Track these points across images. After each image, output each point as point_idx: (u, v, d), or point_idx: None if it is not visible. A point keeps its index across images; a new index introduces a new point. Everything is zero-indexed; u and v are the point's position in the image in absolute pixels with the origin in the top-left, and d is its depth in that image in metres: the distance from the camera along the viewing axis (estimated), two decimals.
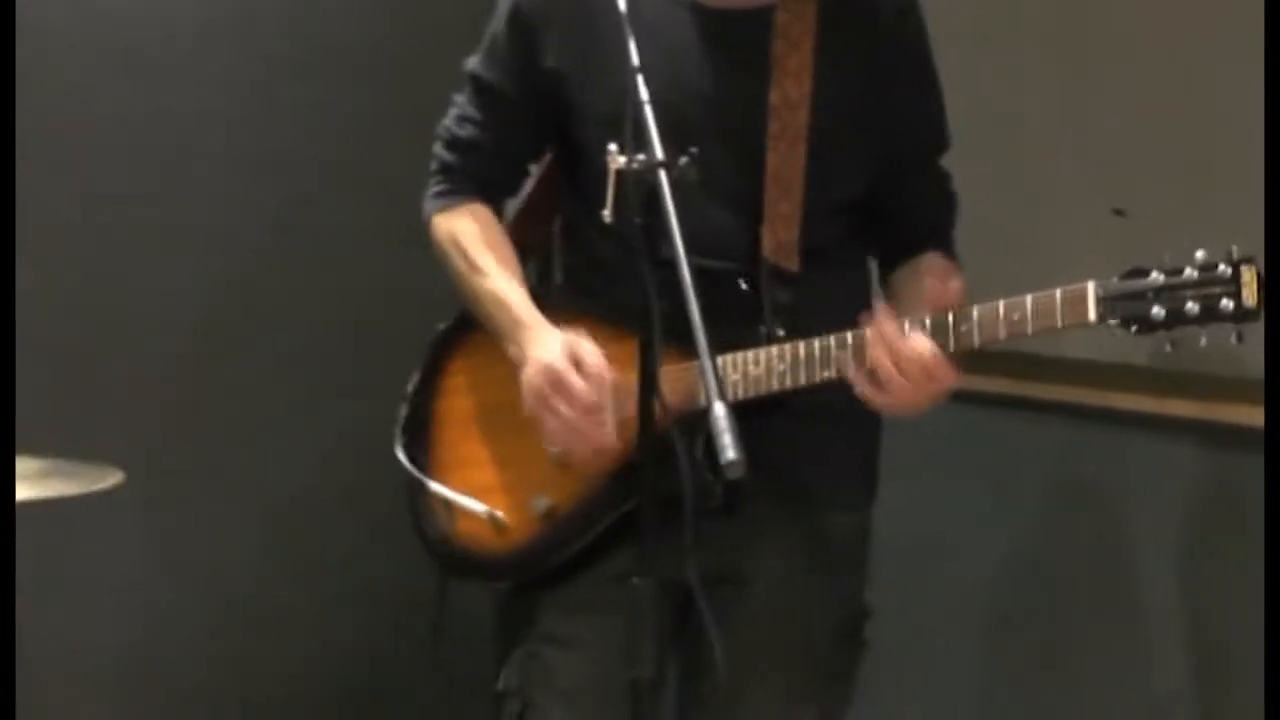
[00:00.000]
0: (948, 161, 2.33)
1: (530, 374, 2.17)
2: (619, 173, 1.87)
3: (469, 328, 2.36)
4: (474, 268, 2.29)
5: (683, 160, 1.84)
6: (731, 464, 1.66)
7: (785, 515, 2.24)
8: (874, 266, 2.39)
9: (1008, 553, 3.13)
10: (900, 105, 2.24)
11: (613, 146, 1.87)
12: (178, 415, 3.33)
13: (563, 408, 2.14)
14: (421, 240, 2.39)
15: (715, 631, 1.92)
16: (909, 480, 3.10)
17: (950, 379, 2.05)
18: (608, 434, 2.13)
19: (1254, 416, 2.20)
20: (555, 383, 2.13)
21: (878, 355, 2.03)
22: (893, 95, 2.22)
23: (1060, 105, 2.97)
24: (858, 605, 2.33)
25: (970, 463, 3.16)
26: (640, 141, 1.84)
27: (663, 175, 1.81)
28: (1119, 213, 2.90)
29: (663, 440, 1.86)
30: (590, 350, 2.15)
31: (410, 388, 2.41)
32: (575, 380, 2.12)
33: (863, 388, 2.07)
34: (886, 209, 2.30)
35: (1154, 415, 2.83)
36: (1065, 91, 2.96)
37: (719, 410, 1.69)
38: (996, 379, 3.01)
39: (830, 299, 2.22)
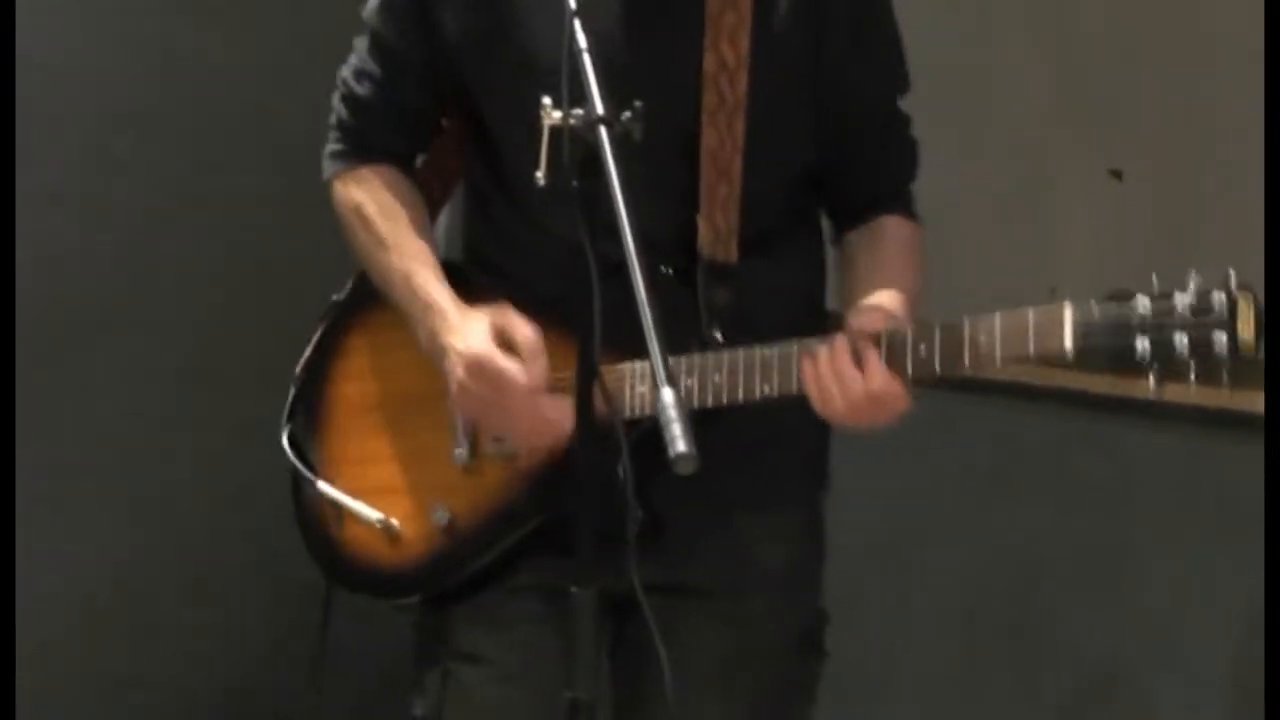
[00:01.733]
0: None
1: (460, 376, 2.10)
2: (554, 130, 1.81)
3: (369, 301, 2.29)
4: (380, 242, 2.23)
5: (625, 115, 1.79)
6: (682, 458, 1.62)
7: (726, 517, 2.20)
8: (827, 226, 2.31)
9: (992, 555, 3.13)
10: (853, 55, 2.16)
11: (547, 101, 1.82)
12: (52, 402, 3.26)
13: (502, 400, 2.08)
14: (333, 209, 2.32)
15: (662, 646, 1.88)
16: (881, 475, 3.14)
17: (904, 404, 2.00)
18: (556, 418, 2.06)
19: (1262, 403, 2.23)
20: (487, 376, 2.08)
21: (825, 384, 1.99)
22: (844, 45, 2.15)
23: (1054, 63, 3.02)
24: (814, 611, 2.28)
25: (948, 455, 3.16)
26: (577, 95, 1.78)
27: (603, 132, 1.76)
28: (1116, 174, 2.94)
29: (602, 437, 1.82)
30: (520, 325, 2.09)
31: (300, 368, 2.34)
32: (507, 365, 2.07)
33: (815, 402, 2.02)
34: (841, 165, 2.23)
35: (1152, 401, 2.87)
36: (1059, 48, 3.01)
37: (668, 396, 1.64)
38: None
39: (775, 294, 2.18)
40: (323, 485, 2.28)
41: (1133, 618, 2.97)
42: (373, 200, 2.25)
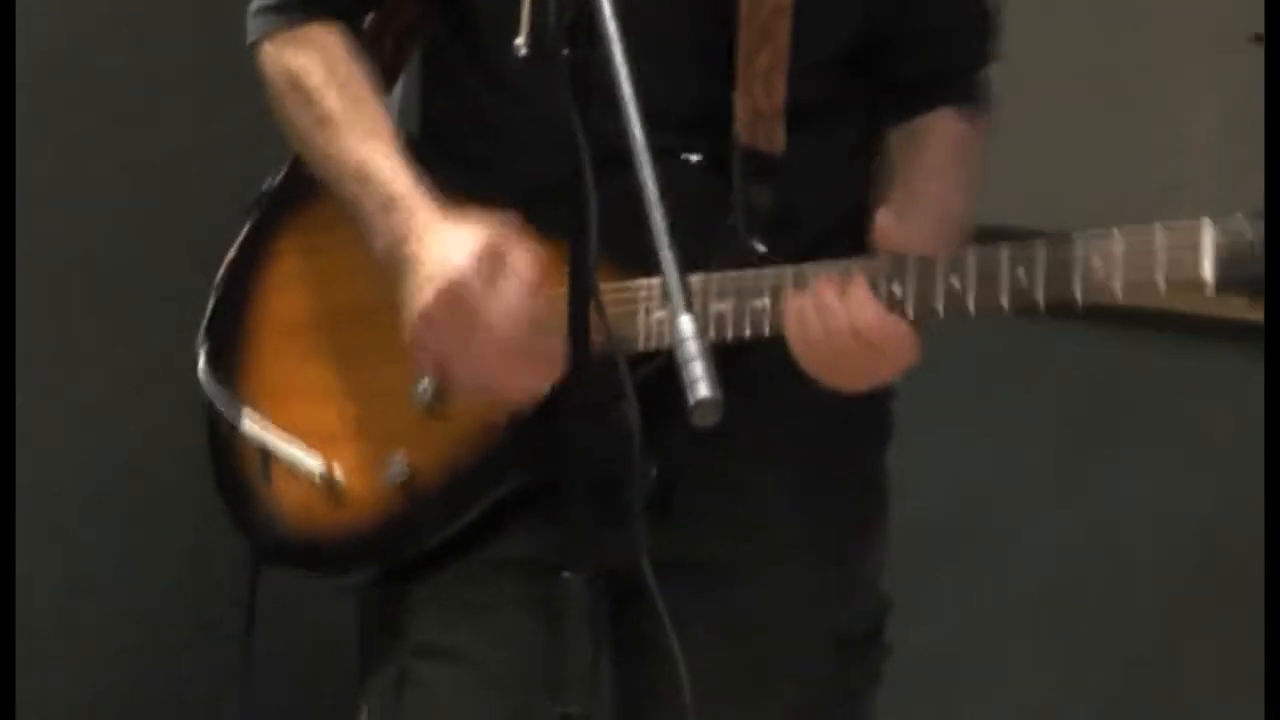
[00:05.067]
0: None
1: (427, 303, 2.03)
2: None
3: (308, 191, 2.23)
4: (324, 120, 2.16)
5: None
6: (704, 405, 1.58)
7: (764, 469, 2.16)
8: None
9: (1094, 527, 3.14)
10: None
11: None
12: None
13: (473, 344, 2.02)
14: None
15: (676, 645, 1.84)
16: (952, 428, 3.11)
17: (908, 354, 1.98)
18: (537, 379, 2.02)
19: None
20: (462, 311, 2.01)
21: (805, 315, 1.97)
22: None
23: None
24: (875, 595, 2.24)
25: (1037, 401, 3.18)
26: None
27: None
28: (1258, 39, 2.89)
29: (602, 376, 1.78)
30: (519, 249, 2.02)
31: (220, 275, 2.29)
32: (490, 303, 2.01)
33: (793, 343, 1.99)
34: (892, 33, 2.19)
35: None
36: None
37: (686, 326, 1.61)
38: None
39: (829, 195, 2.14)
40: (248, 423, 2.24)
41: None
42: (318, 67, 2.19)
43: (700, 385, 1.59)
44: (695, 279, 1.99)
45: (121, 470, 3.35)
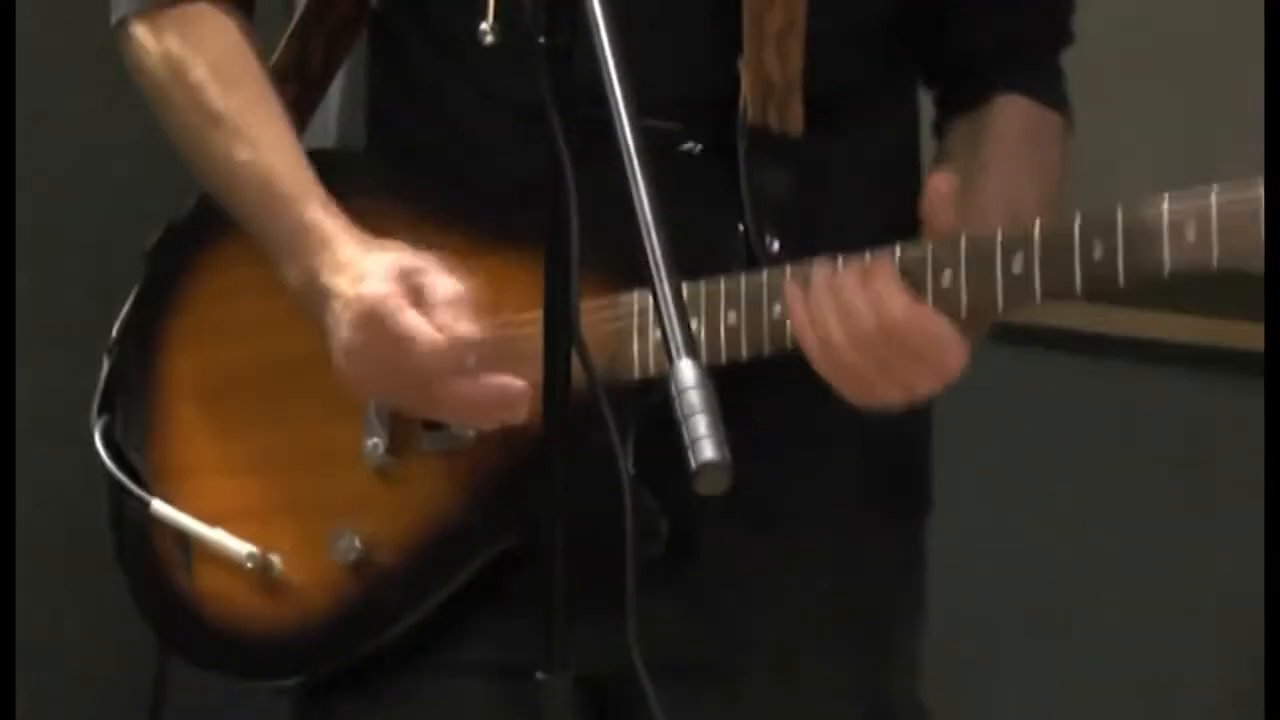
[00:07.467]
0: None
1: (346, 336, 1.99)
2: None
3: (217, 228, 2.16)
4: (217, 121, 2.11)
5: None
6: (708, 468, 1.48)
7: (781, 556, 2.09)
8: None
9: (1208, 598, 3.09)
10: None
11: None
12: None
13: (412, 369, 1.95)
14: None
15: None
16: (1021, 481, 3.00)
17: (954, 357, 1.87)
18: (494, 410, 1.94)
19: None
20: (385, 335, 1.97)
21: (820, 311, 1.89)
22: None
23: None
24: (905, 699, 2.18)
25: (1132, 445, 3.13)
26: None
27: None
28: None
29: (582, 421, 1.69)
30: (432, 270, 1.98)
31: (116, 331, 2.22)
32: (413, 321, 1.95)
33: (809, 351, 1.91)
34: (945, 5, 2.12)
35: None
36: None
37: (688, 374, 1.51)
38: (1154, 313, 3.02)
39: (865, 189, 2.05)
40: (159, 506, 2.17)
41: None
42: (207, 55, 2.14)
43: (705, 446, 1.50)
44: (698, 286, 1.95)
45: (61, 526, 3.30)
